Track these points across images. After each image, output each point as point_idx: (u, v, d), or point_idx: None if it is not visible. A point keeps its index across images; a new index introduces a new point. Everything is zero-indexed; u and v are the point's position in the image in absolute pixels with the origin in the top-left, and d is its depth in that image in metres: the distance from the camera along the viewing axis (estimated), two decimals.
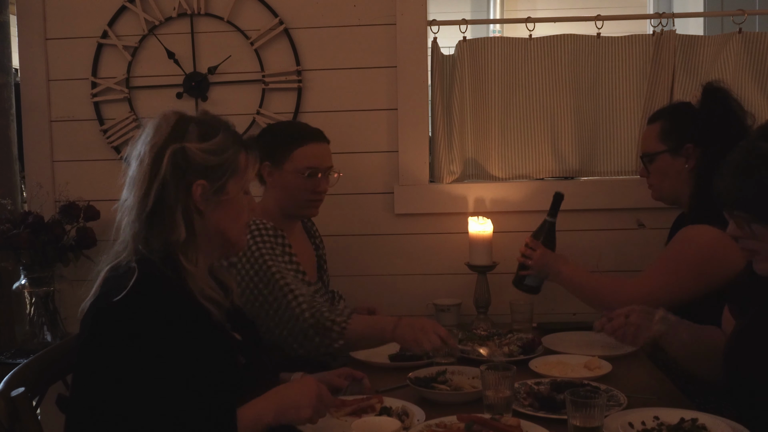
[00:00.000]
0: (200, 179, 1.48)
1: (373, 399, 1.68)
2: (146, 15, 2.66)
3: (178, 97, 2.67)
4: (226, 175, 1.51)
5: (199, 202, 1.48)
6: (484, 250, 2.47)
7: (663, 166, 2.17)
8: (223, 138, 1.52)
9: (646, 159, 2.21)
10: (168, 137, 1.48)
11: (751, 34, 2.60)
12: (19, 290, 2.60)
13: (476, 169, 2.72)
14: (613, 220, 2.63)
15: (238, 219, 1.56)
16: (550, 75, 2.66)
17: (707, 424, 1.51)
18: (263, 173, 2.18)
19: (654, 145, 2.18)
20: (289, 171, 2.15)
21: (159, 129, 1.49)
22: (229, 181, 1.51)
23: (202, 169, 1.48)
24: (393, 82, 2.64)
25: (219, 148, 1.50)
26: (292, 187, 2.16)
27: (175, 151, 1.46)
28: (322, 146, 2.21)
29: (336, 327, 1.89)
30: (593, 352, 2.05)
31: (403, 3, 2.61)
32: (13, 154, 2.80)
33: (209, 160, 1.48)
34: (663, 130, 2.17)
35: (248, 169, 1.56)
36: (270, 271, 1.97)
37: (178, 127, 1.50)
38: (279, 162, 2.16)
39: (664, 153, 2.16)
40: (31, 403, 1.47)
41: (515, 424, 1.49)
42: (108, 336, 1.37)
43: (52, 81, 2.73)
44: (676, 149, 2.14)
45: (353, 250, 2.67)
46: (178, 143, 1.47)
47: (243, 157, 1.55)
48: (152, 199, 1.45)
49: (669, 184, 2.18)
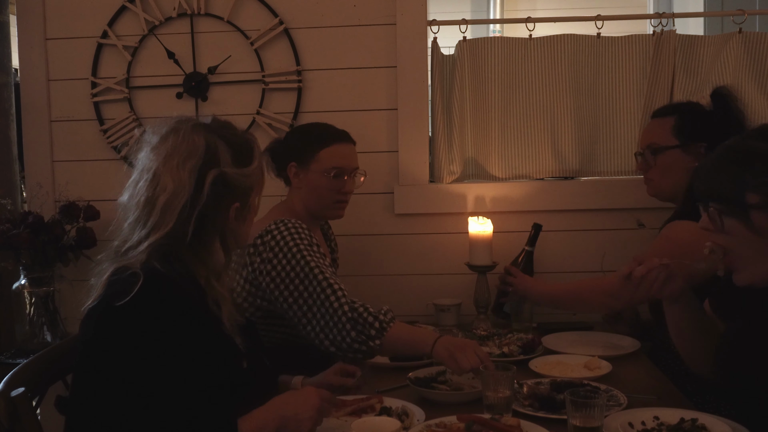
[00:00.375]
0: (236, 202, 1.50)
1: (373, 399, 1.68)
2: (146, 15, 2.66)
3: (178, 97, 2.67)
4: (254, 191, 1.55)
5: (233, 223, 1.51)
6: (484, 250, 2.47)
7: (670, 161, 2.15)
8: (258, 162, 1.55)
9: (654, 151, 2.17)
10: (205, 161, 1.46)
11: (751, 34, 2.60)
12: (19, 290, 2.60)
13: (476, 169, 2.72)
14: (613, 220, 2.63)
15: (251, 224, 1.61)
16: (550, 75, 2.66)
17: (707, 424, 1.51)
18: (289, 174, 2.18)
19: (666, 138, 2.15)
20: (315, 171, 2.15)
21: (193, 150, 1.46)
22: (251, 194, 1.54)
23: (240, 192, 1.50)
24: (393, 82, 2.64)
25: (255, 171, 1.53)
26: (318, 188, 2.15)
27: (215, 178, 1.45)
28: (349, 147, 2.21)
29: (377, 324, 1.84)
30: (593, 352, 2.05)
31: (403, 3, 2.61)
32: (13, 154, 2.80)
33: (246, 183, 1.51)
34: (677, 125, 2.15)
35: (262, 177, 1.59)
36: (309, 266, 1.94)
37: (210, 148, 1.47)
38: (305, 163, 2.16)
39: (676, 148, 2.14)
40: (31, 403, 1.47)
41: (515, 424, 1.49)
42: (113, 338, 1.36)
43: (52, 81, 2.73)
44: (688, 146, 2.12)
45: (353, 250, 2.67)
46: (216, 168, 1.46)
47: (264, 169, 1.61)
48: (192, 225, 1.44)
49: (671, 180, 2.16)
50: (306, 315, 1.92)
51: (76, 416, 1.41)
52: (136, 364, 1.35)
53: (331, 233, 2.43)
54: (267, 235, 2.02)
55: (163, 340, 1.37)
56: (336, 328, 1.86)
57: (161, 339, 1.37)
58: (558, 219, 2.64)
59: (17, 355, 2.52)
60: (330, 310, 1.87)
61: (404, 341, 1.86)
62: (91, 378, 1.37)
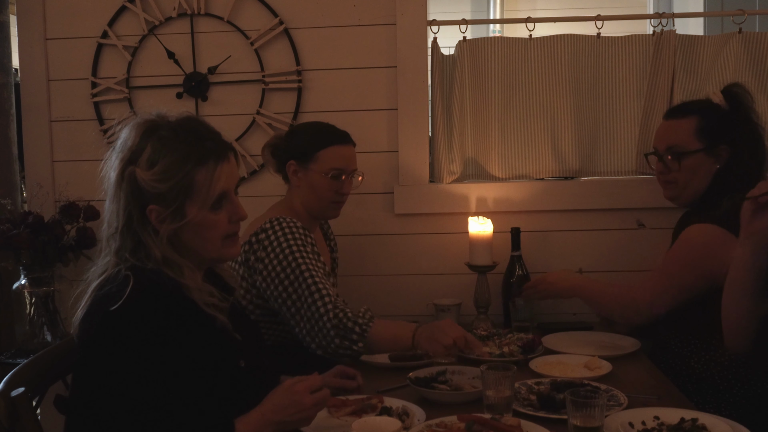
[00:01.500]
0: (152, 204, 1.44)
1: (374, 399, 1.68)
2: (146, 15, 2.66)
3: (178, 97, 2.67)
4: (179, 198, 1.44)
5: (156, 225, 1.45)
6: (484, 250, 2.47)
7: (695, 164, 2.10)
8: (168, 162, 1.43)
9: (679, 155, 2.11)
10: (130, 155, 1.45)
11: (751, 34, 2.60)
12: (19, 290, 2.60)
13: (476, 169, 2.72)
14: (613, 220, 2.63)
15: (208, 238, 1.49)
16: (550, 75, 2.66)
17: (707, 424, 1.51)
18: (288, 172, 2.20)
19: (690, 141, 2.10)
20: (315, 171, 2.16)
21: (126, 142, 1.47)
22: (186, 203, 1.44)
23: (153, 196, 1.43)
24: (393, 82, 2.64)
25: (164, 175, 1.43)
26: (317, 188, 2.17)
27: (130, 175, 1.44)
28: (348, 148, 2.22)
29: (357, 329, 1.86)
30: (593, 352, 2.05)
31: (403, 3, 2.61)
32: (13, 154, 2.80)
33: (156, 188, 1.43)
34: (700, 127, 2.10)
35: (211, 184, 1.45)
36: (300, 269, 1.95)
37: (140, 143, 1.45)
38: (305, 162, 2.17)
39: (700, 152, 2.09)
40: (31, 403, 1.47)
41: (515, 424, 1.49)
42: (109, 342, 1.36)
43: (52, 81, 2.73)
44: (711, 149, 2.09)
45: (353, 249, 2.67)
46: (132, 165, 1.44)
47: (202, 174, 1.45)
48: (122, 218, 1.45)
49: (696, 183, 2.11)
50: (294, 317, 1.95)
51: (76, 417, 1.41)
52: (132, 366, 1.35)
53: (331, 233, 2.44)
54: (262, 233, 2.04)
55: (159, 341, 1.37)
56: (321, 333, 1.89)
57: (156, 340, 1.37)
58: (558, 219, 2.64)
59: (17, 355, 2.52)
60: (316, 315, 1.90)
61: (386, 339, 1.88)
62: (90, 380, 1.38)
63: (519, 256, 2.50)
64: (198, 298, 1.46)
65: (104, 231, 1.49)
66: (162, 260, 1.45)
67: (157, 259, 1.44)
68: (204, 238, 1.49)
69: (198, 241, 1.49)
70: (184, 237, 1.48)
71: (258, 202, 2.35)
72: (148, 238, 1.44)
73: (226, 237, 1.52)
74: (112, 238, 1.47)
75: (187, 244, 1.48)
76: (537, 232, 2.63)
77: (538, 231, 2.63)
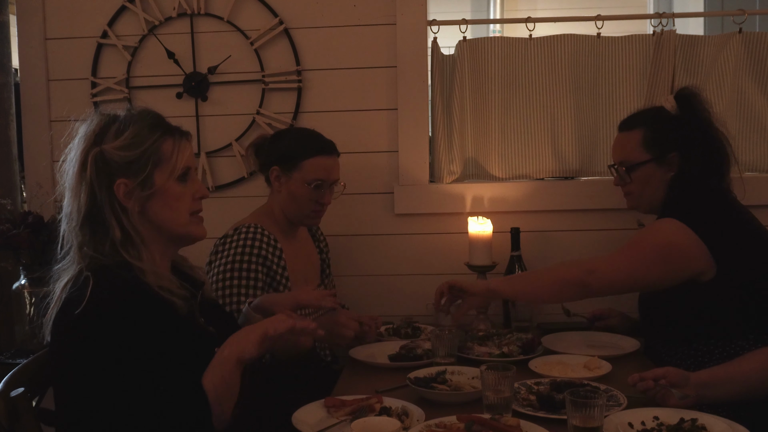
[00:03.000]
0: (121, 178, 1.47)
1: (373, 399, 1.68)
2: (146, 15, 2.66)
3: (178, 97, 2.67)
4: (148, 166, 1.49)
5: (123, 200, 1.48)
6: (483, 250, 2.47)
7: (646, 175, 2.12)
8: (136, 130, 1.49)
9: (629, 168, 2.14)
10: (92, 142, 1.49)
11: (751, 34, 2.60)
12: (19, 290, 2.60)
13: (476, 169, 2.72)
14: (613, 220, 2.63)
15: (176, 208, 1.53)
16: (550, 75, 2.66)
17: (707, 424, 1.51)
18: (270, 176, 2.22)
19: (637, 154, 2.12)
20: (297, 180, 2.19)
21: (86, 134, 1.51)
22: (155, 172, 1.50)
23: (121, 167, 1.47)
24: (393, 82, 2.64)
25: (133, 142, 1.48)
26: (298, 196, 2.20)
27: (95, 156, 1.47)
28: (332, 159, 2.24)
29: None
30: (593, 352, 2.05)
31: (403, 3, 2.61)
32: (13, 154, 2.80)
33: (126, 157, 1.47)
34: (646, 138, 2.11)
35: (178, 154, 1.52)
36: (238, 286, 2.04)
37: (101, 130, 1.50)
38: (287, 169, 2.20)
39: (649, 162, 2.10)
40: (31, 403, 1.48)
41: (515, 424, 1.49)
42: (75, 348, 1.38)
43: (52, 81, 2.73)
44: (661, 158, 2.09)
45: (353, 250, 2.67)
46: (98, 146, 1.48)
47: (169, 144, 1.51)
48: (84, 205, 1.47)
49: (650, 192, 2.13)
50: None
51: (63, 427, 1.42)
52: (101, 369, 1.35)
53: (320, 234, 2.45)
54: (224, 239, 2.11)
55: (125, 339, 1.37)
56: None
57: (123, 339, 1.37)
58: (558, 219, 2.64)
59: (17, 355, 2.52)
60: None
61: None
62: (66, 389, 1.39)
63: (519, 256, 2.50)
64: (153, 282, 1.46)
65: (63, 230, 1.52)
66: (121, 241, 1.46)
67: (115, 241, 1.46)
68: (172, 209, 1.52)
69: (166, 212, 1.52)
70: (152, 210, 1.51)
71: (257, 201, 2.35)
72: (110, 217, 1.47)
73: (192, 213, 1.56)
74: (72, 233, 1.50)
75: (155, 218, 1.51)
76: (537, 232, 2.63)
77: (538, 231, 2.63)
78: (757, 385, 1.71)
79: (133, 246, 1.47)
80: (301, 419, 1.60)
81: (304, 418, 1.61)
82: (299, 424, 1.57)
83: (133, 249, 1.47)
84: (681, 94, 2.14)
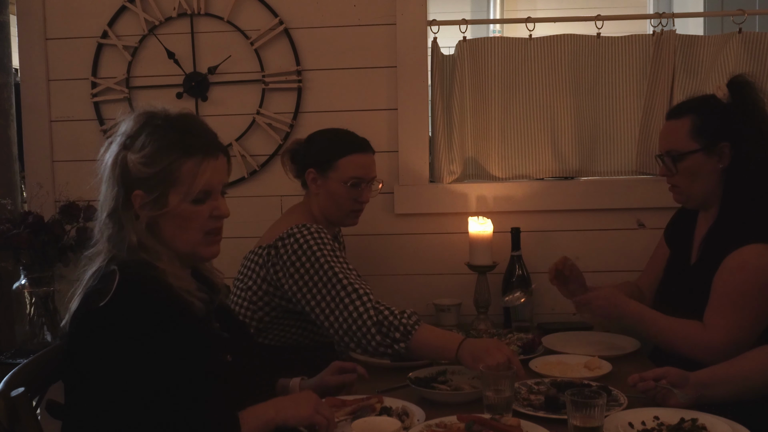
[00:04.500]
0: (137, 189, 1.47)
1: (373, 399, 1.68)
2: (146, 15, 2.66)
3: (178, 97, 2.67)
4: (162, 185, 1.47)
5: (138, 210, 1.48)
6: (484, 250, 2.47)
7: (694, 165, 2.00)
8: (155, 148, 1.47)
9: (675, 157, 2.02)
10: (125, 141, 1.50)
11: (751, 34, 2.60)
12: (19, 290, 2.60)
13: (476, 169, 2.72)
14: (613, 220, 2.63)
15: (186, 229, 1.50)
16: (550, 75, 2.66)
17: (707, 424, 1.51)
18: (307, 179, 2.20)
19: (685, 142, 2.00)
20: (334, 180, 2.16)
21: (124, 131, 1.51)
22: (170, 192, 1.48)
23: (140, 179, 1.47)
24: (393, 82, 2.64)
25: (150, 159, 1.47)
26: (336, 196, 2.17)
27: (121, 159, 1.48)
28: (368, 157, 2.22)
29: (401, 328, 1.84)
30: (593, 352, 2.05)
31: (403, 3, 2.61)
32: (13, 154, 2.80)
33: (142, 172, 1.46)
34: (695, 126, 2.00)
35: (197, 177, 1.48)
36: (333, 270, 1.95)
37: (137, 132, 1.50)
38: (324, 170, 2.17)
39: (698, 152, 1.98)
40: (31, 403, 1.47)
41: (515, 424, 1.49)
42: (95, 342, 1.38)
43: (52, 81, 2.73)
44: (710, 148, 1.98)
45: (353, 250, 2.67)
46: (126, 150, 1.49)
47: (190, 165, 1.47)
48: (110, 201, 1.49)
49: (700, 185, 2.01)
50: (329, 318, 1.93)
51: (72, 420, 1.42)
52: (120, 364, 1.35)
53: (341, 235, 2.44)
54: (289, 238, 2.03)
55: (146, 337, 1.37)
56: (360, 331, 1.87)
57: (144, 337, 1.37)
58: (558, 219, 2.64)
59: (17, 355, 2.52)
60: (354, 314, 1.88)
61: (430, 346, 1.86)
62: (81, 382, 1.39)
63: (519, 256, 2.50)
64: (175, 283, 1.47)
65: (98, 215, 1.54)
66: (138, 246, 1.47)
67: (133, 246, 1.46)
68: (183, 229, 1.50)
69: (176, 232, 1.50)
70: (163, 226, 1.50)
71: (257, 202, 2.35)
72: (128, 223, 1.47)
73: (207, 233, 1.52)
74: (101, 223, 1.51)
75: (164, 234, 1.50)
76: (537, 232, 2.63)
77: (538, 231, 2.63)
78: (758, 384, 1.71)
79: (152, 248, 1.48)
80: None
81: None
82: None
83: (153, 250, 1.48)
84: (734, 81, 2.02)
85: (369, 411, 1.63)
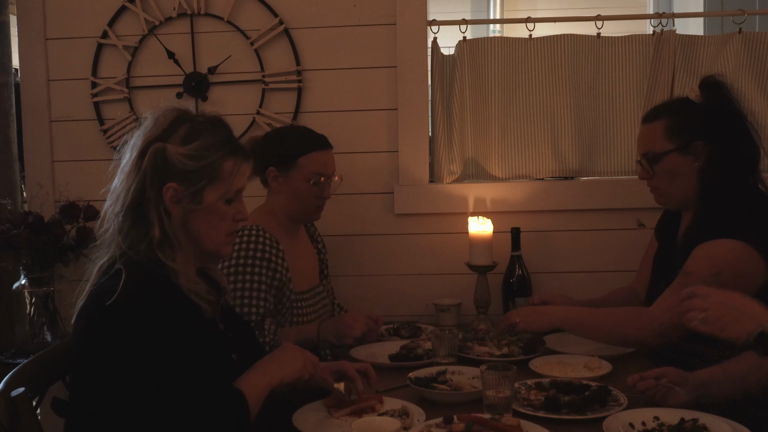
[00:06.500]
0: (173, 182, 1.46)
1: (373, 399, 1.68)
2: (146, 15, 2.66)
3: (178, 97, 2.67)
4: (203, 181, 1.47)
5: (168, 204, 1.46)
6: (484, 250, 2.47)
7: (671, 166, 2.03)
8: (204, 143, 1.48)
9: (651, 159, 2.06)
10: (159, 134, 1.48)
11: (751, 34, 2.60)
12: (19, 290, 2.60)
13: (476, 169, 2.72)
14: (613, 220, 2.63)
15: (216, 228, 1.52)
16: (550, 75, 2.66)
17: (707, 424, 1.51)
18: (268, 178, 2.21)
19: (660, 143, 2.03)
20: (296, 178, 2.19)
21: (156, 123, 1.49)
22: (207, 188, 1.48)
23: (178, 173, 1.46)
24: (393, 82, 2.64)
25: (198, 153, 1.47)
26: (299, 194, 2.19)
27: (157, 151, 1.46)
28: (327, 153, 2.24)
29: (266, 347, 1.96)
30: (593, 352, 2.05)
31: (403, 3, 2.61)
32: (13, 154, 2.80)
33: (187, 165, 1.46)
34: (669, 127, 2.03)
35: (234, 177, 1.51)
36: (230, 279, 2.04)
37: (171, 126, 1.49)
38: (285, 168, 2.19)
39: (673, 152, 2.02)
40: (31, 403, 1.47)
41: (515, 424, 1.49)
42: (103, 339, 1.38)
43: (52, 81, 2.73)
44: (685, 147, 2.01)
45: (353, 250, 2.67)
46: (162, 143, 1.46)
47: (230, 165, 1.50)
48: (132, 195, 1.46)
49: (678, 185, 2.04)
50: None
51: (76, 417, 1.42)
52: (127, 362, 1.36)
53: (318, 234, 2.44)
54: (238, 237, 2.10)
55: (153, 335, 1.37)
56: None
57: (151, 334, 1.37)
58: (558, 219, 2.64)
59: (17, 355, 2.52)
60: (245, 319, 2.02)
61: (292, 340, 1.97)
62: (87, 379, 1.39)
63: (519, 256, 2.50)
64: (184, 285, 1.46)
65: (107, 208, 1.50)
66: (159, 241, 1.45)
67: (153, 240, 1.45)
68: (213, 227, 1.51)
69: (205, 228, 1.51)
70: (194, 222, 1.50)
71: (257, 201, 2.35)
72: (153, 216, 1.45)
73: (228, 234, 1.55)
74: (114, 216, 1.48)
75: (194, 231, 1.50)
76: (537, 232, 2.63)
77: (538, 231, 2.63)
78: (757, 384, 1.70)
79: (170, 248, 1.47)
80: (302, 419, 1.60)
81: (304, 418, 1.61)
82: (300, 424, 1.57)
83: (170, 250, 1.47)
84: (705, 82, 2.05)
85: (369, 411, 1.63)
